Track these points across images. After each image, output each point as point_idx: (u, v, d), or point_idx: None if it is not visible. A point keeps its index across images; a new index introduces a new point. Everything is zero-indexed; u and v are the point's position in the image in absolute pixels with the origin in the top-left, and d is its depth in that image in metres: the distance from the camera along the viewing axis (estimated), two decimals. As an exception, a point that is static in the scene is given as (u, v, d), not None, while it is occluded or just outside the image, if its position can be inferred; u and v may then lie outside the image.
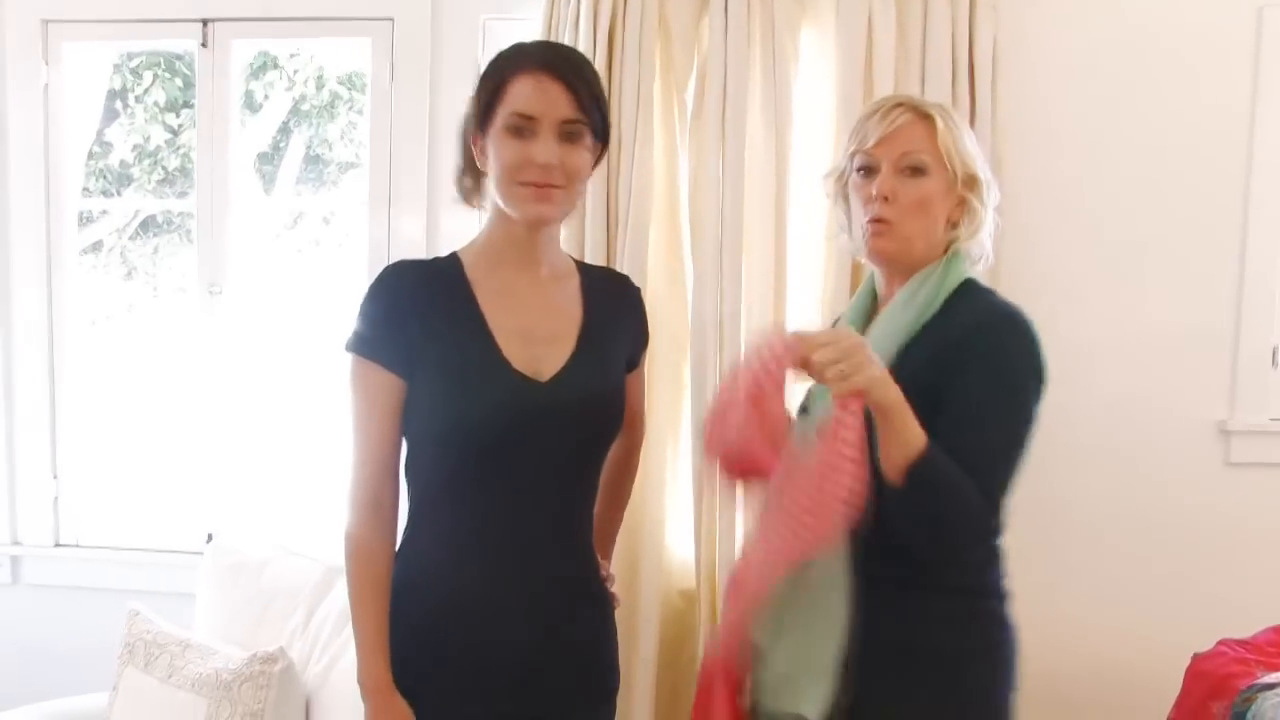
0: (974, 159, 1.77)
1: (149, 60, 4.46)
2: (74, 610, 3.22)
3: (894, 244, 1.74)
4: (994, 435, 1.61)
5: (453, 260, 1.78)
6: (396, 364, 1.69)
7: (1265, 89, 2.77)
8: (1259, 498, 2.82)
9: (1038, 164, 2.77)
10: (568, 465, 1.75)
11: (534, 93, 1.66)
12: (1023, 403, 1.64)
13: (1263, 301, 2.81)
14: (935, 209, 1.74)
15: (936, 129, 1.74)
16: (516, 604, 1.72)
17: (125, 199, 4.58)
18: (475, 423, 1.68)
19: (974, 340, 1.64)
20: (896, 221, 1.72)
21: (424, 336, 1.69)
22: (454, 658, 1.72)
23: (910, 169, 1.73)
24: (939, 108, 1.78)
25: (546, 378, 1.71)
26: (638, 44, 2.66)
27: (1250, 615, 2.56)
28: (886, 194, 1.72)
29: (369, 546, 1.72)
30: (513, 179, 1.67)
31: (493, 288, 1.75)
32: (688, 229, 2.74)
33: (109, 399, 3.43)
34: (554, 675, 1.75)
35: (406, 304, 1.71)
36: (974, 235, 1.79)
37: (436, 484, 1.74)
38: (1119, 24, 2.78)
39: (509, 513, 1.72)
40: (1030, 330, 1.67)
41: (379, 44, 3.02)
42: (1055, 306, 2.78)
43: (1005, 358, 1.64)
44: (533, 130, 1.66)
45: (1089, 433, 2.81)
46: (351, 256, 3.30)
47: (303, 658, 2.51)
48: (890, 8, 2.64)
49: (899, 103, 1.77)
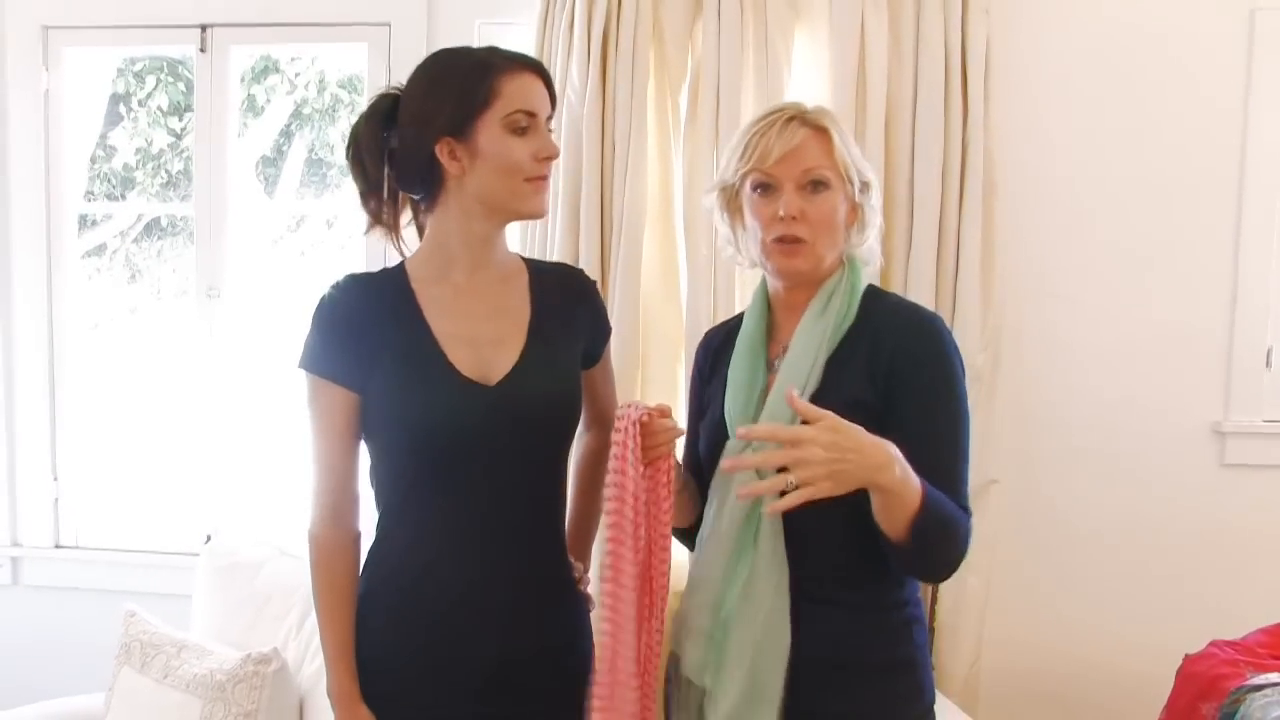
0: (863, 163, 1.77)
1: (151, 64, 4.48)
2: (73, 611, 3.24)
3: (809, 262, 1.72)
4: (958, 447, 1.66)
5: (399, 271, 1.81)
6: (347, 378, 1.72)
7: (1258, 90, 2.77)
8: (1253, 499, 2.82)
9: (1031, 166, 2.78)
10: (526, 466, 1.76)
11: (534, 90, 1.71)
12: (965, 405, 1.68)
13: (1257, 303, 2.82)
14: (839, 221, 1.74)
15: (834, 143, 1.72)
16: (483, 607, 1.73)
17: (129, 203, 4.60)
18: (426, 430, 1.70)
19: (912, 354, 1.66)
20: (811, 240, 1.70)
21: (372, 349, 1.72)
22: (422, 663, 1.74)
23: (812, 184, 1.71)
24: (830, 117, 1.75)
25: (495, 381, 1.73)
26: (632, 47, 2.67)
27: (1242, 616, 2.56)
28: (795, 214, 1.69)
29: (331, 554, 1.76)
30: (520, 175, 1.70)
31: (438, 294, 1.77)
32: (682, 232, 2.75)
33: (109, 401, 3.45)
34: (524, 677, 1.75)
35: (355, 318, 1.73)
36: (865, 239, 1.79)
37: (399, 491, 1.76)
38: (1112, 26, 2.79)
39: (471, 517, 1.73)
40: (947, 331, 1.72)
41: (375, 49, 3.04)
42: (1049, 308, 2.80)
43: (948, 366, 1.67)
44: (534, 126, 1.70)
45: (1084, 434, 2.81)
46: (353, 260, 3.32)
47: (296, 658, 2.52)
48: (883, 10, 2.66)
49: (791, 116, 1.73)
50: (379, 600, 1.77)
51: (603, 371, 1.97)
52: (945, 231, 2.67)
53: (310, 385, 1.75)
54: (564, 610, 1.85)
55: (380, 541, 1.79)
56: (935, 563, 1.63)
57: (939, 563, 1.63)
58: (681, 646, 1.78)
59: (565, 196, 2.72)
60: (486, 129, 1.69)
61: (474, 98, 1.68)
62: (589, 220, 2.71)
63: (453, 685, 1.73)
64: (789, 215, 1.69)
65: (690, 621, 1.76)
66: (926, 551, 1.57)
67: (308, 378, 1.75)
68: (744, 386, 1.74)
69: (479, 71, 1.70)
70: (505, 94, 1.68)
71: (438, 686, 1.74)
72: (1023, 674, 2.82)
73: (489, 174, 1.70)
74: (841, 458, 1.44)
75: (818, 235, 1.71)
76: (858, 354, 1.68)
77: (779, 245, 1.71)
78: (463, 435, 1.70)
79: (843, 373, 1.67)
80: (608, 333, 1.96)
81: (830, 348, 1.69)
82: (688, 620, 1.77)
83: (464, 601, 1.73)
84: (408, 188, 1.79)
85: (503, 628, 1.74)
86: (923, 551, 1.56)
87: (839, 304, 1.72)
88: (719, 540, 1.71)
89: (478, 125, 1.69)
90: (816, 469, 1.43)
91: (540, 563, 1.80)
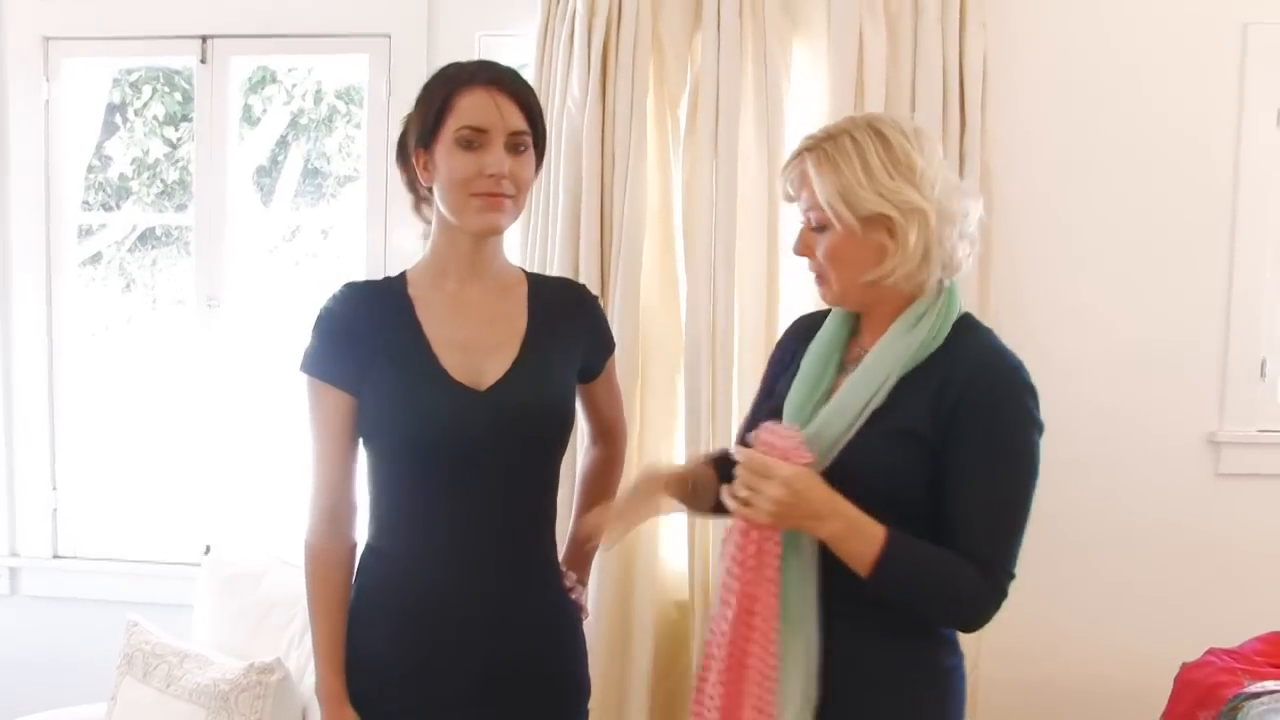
0: (871, 197, 1.60)
1: (148, 74, 4.49)
2: (72, 621, 3.23)
3: (832, 295, 1.70)
4: (1009, 502, 1.60)
5: (398, 279, 1.84)
6: (344, 381, 1.75)
7: (1250, 103, 2.80)
8: (1248, 509, 2.84)
9: (1027, 178, 2.80)
10: (516, 473, 1.78)
11: (485, 106, 1.71)
12: (1029, 464, 1.62)
13: (1251, 313, 2.84)
14: (849, 258, 1.64)
15: (812, 186, 1.63)
16: (469, 613, 1.75)
17: (124, 212, 4.60)
18: (418, 433, 1.73)
19: (978, 396, 1.59)
20: (827, 276, 1.69)
21: (368, 353, 1.75)
22: (410, 667, 1.75)
23: (814, 227, 1.67)
24: (821, 152, 1.63)
25: (486, 386, 1.75)
26: (631, 59, 2.68)
27: (1239, 625, 2.57)
28: (801, 252, 1.69)
29: (326, 555, 1.79)
30: (465, 190, 1.72)
31: (435, 301, 1.80)
32: (681, 243, 2.77)
33: (108, 411, 3.45)
34: (511, 687, 1.77)
35: (352, 324, 1.77)
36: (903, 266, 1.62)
37: (393, 494, 1.78)
38: (1106, 40, 2.82)
39: (463, 522, 1.75)
40: (1028, 384, 1.62)
41: (376, 60, 3.05)
42: (1043, 319, 2.81)
43: (1014, 416, 1.60)
44: (482, 142, 1.71)
45: (1079, 445, 2.82)
46: (350, 269, 3.33)
47: (299, 668, 2.52)
48: (881, 24, 2.68)
49: (799, 152, 1.67)
50: (370, 604, 1.79)
51: (606, 385, 1.99)
52: (942, 243, 2.68)
53: (309, 388, 1.79)
54: (554, 618, 1.86)
55: (372, 545, 1.82)
56: (923, 611, 1.62)
57: (928, 613, 1.63)
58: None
59: (565, 207, 2.73)
60: (442, 143, 1.72)
61: (434, 112, 1.73)
62: (589, 231, 2.72)
63: (441, 690, 1.75)
64: (798, 253, 1.70)
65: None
66: (900, 598, 1.58)
67: (307, 381, 1.79)
68: (810, 382, 1.72)
69: (443, 85, 1.74)
70: (458, 109, 1.71)
71: (427, 691, 1.75)
72: (1021, 685, 2.83)
73: (442, 188, 1.74)
74: (790, 502, 1.55)
75: (829, 271, 1.67)
76: (930, 382, 1.62)
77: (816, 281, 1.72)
78: (452, 438, 1.73)
79: (909, 397, 1.62)
80: (610, 347, 1.98)
81: (907, 368, 1.63)
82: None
83: (449, 606, 1.75)
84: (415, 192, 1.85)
85: (489, 634, 1.75)
86: (896, 597, 1.58)
87: (927, 326, 1.64)
88: None
89: (437, 139, 1.73)
90: (763, 503, 1.56)
91: (528, 570, 1.82)
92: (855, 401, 1.63)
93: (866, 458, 1.61)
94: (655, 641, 2.74)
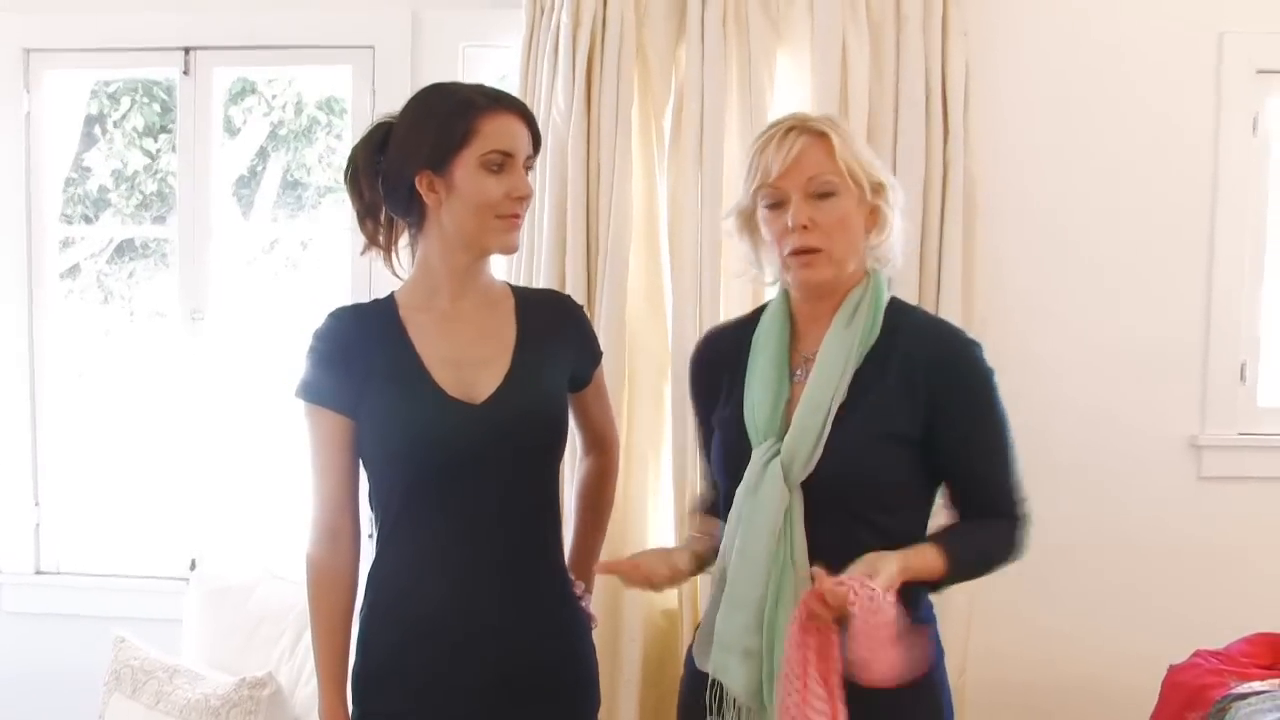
0: (875, 165, 1.76)
1: (127, 85, 4.47)
2: (56, 638, 3.19)
3: (828, 270, 1.72)
4: (1006, 456, 1.76)
5: (388, 301, 1.86)
6: (340, 404, 1.78)
7: (1227, 110, 2.84)
8: (1230, 511, 2.87)
9: (1009, 185, 2.82)
10: (515, 485, 1.79)
11: (513, 131, 1.75)
12: (1004, 412, 1.76)
13: (1230, 317, 2.87)
14: (854, 225, 1.73)
15: (834, 147, 1.71)
16: (480, 627, 1.76)
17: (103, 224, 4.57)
18: (414, 448, 1.75)
19: (949, 376, 1.73)
20: (826, 248, 1.71)
21: (362, 374, 1.77)
22: (416, 681, 1.76)
23: (820, 194, 1.70)
24: (829, 122, 1.75)
25: (480, 400, 1.77)
26: (616, 70, 2.70)
27: (1225, 626, 2.59)
28: (805, 223, 1.69)
29: (329, 575, 1.80)
30: (491, 212, 1.74)
31: (425, 320, 1.82)
32: (667, 252, 2.78)
33: (90, 425, 3.43)
34: (522, 698, 1.77)
35: (345, 347, 1.79)
36: (884, 240, 1.77)
37: (395, 510, 1.80)
38: (1086, 48, 2.85)
39: (466, 536, 1.77)
40: (976, 342, 1.79)
41: (360, 71, 3.05)
42: (1027, 324, 2.84)
43: (983, 380, 1.75)
44: (508, 167, 1.74)
45: (1061, 448, 2.83)
46: (333, 280, 3.32)
47: (290, 682, 2.52)
48: (864, 33, 2.70)
49: (791, 126, 1.73)
50: (376, 619, 1.81)
51: (595, 394, 2.00)
52: (926, 249, 2.71)
53: (307, 414, 1.81)
54: (561, 626, 1.86)
55: (378, 561, 1.83)
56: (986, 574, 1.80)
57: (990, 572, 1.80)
58: (727, 672, 1.74)
59: (551, 218, 2.74)
60: (463, 166, 1.73)
61: (454, 135, 1.73)
62: (575, 241, 2.73)
63: (454, 704, 1.76)
64: (799, 225, 1.70)
65: (734, 644, 1.73)
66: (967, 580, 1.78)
67: (304, 407, 1.81)
68: (772, 393, 1.75)
69: (461, 109, 1.74)
70: (484, 133, 1.73)
71: (433, 704, 1.76)
72: (1009, 687, 2.84)
73: (462, 209, 1.75)
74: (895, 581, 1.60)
75: (832, 242, 1.71)
76: (888, 374, 1.71)
77: (796, 258, 1.72)
78: (449, 453, 1.75)
79: (872, 393, 1.70)
80: (598, 356, 2.00)
81: (858, 361, 1.72)
82: (730, 643, 1.73)
83: (454, 618, 1.76)
84: (396, 213, 1.84)
85: (495, 644, 1.76)
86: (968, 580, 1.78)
87: (864, 316, 1.73)
88: (752, 561, 1.71)
89: (455, 162, 1.73)
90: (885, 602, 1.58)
91: (532, 579, 1.82)
92: (823, 399, 1.71)
93: (851, 457, 1.69)
94: (644, 649, 2.75)
